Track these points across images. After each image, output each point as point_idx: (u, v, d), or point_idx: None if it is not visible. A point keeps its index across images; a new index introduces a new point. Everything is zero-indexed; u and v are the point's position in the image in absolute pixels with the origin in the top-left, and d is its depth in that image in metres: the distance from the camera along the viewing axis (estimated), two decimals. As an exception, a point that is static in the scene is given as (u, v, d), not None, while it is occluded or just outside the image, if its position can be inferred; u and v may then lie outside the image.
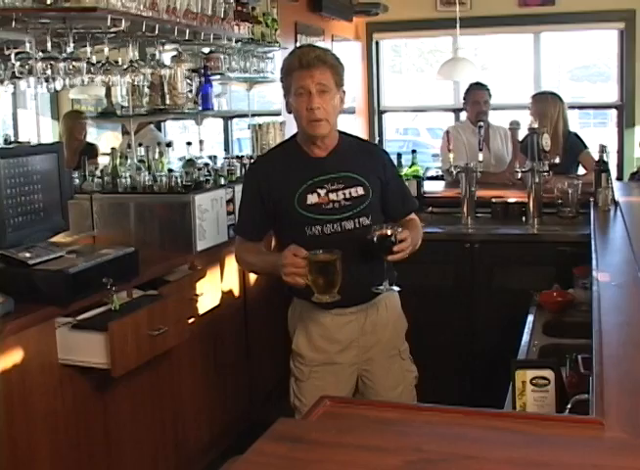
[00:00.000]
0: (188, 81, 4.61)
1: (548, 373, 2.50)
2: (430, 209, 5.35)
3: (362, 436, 1.70)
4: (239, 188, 4.42)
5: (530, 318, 3.71)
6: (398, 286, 3.15)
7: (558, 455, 1.61)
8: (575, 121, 9.52)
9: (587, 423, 1.80)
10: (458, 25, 6.77)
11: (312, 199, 3.07)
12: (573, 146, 5.94)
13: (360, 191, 3.12)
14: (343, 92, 3.13)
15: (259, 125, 5.40)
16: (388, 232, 2.94)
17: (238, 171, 4.62)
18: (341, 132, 3.23)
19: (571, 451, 1.63)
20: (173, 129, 6.10)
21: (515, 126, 5.68)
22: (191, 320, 3.88)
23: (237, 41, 5.01)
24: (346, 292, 2.87)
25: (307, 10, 6.78)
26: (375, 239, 2.95)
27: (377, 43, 8.55)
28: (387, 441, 1.68)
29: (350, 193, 3.10)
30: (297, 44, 6.49)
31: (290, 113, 3.13)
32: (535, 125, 4.97)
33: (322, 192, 3.07)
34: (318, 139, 3.08)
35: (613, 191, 4.86)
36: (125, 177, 4.23)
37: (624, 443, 1.65)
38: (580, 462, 1.58)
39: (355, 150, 3.24)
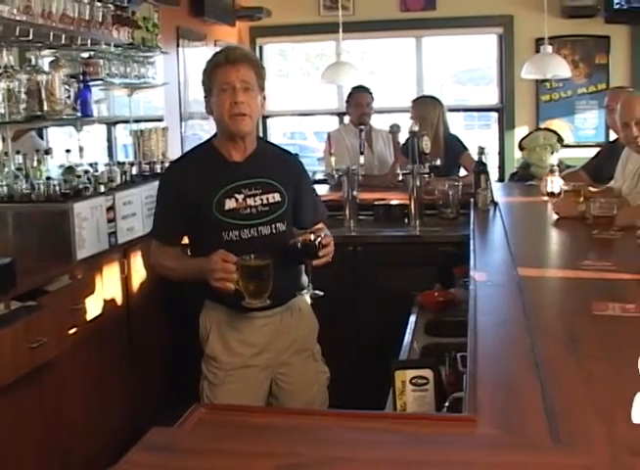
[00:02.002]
0: (66, 87, 4.51)
1: (427, 372, 2.54)
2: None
3: (236, 442, 1.69)
4: (119, 195, 4.40)
5: (412, 318, 3.77)
6: (321, 291, 3.17)
7: (430, 454, 1.63)
8: (460, 124, 9.71)
9: (460, 421, 1.83)
10: (341, 30, 6.80)
11: (230, 204, 3.06)
12: (454, 148, 6.07)
13: (277, 197, 3.14)
14: (264, 97, 3.15)
15: (141, 131, 5.33)
16: (312, 237, 2.98)
17: (118, 178, 4.56)
18: (259, 138, 3.25)
19: (443, 450, 1.65)
20: (57, 136, 5.96)
21: (395, 129, 5.76)
22: (72, 331, 3.81)
23: (116, 46, 4.93)
24: None
25: (189, 14, 6.73)
26: (299, 244, 2.99)
27: (260, 48, 8.55)
28: (260, 446, 1.67)
29: (267, 199, 3.12)
30: (180, 49, 6.45)
31: (210, 114, 3.13)
32: (416, 128, 5.05)
33: (240, 197, 3.07)
34: (239, 138, 3.08)
35: (492, 192, 4.97)
36: (2, 186, 4.12)
37: (495, 439, 1.68)
38: (452, 460, 1.60)
39: (272, 156, 3.26)
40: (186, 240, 3.26)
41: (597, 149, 6.33)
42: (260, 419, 1.87)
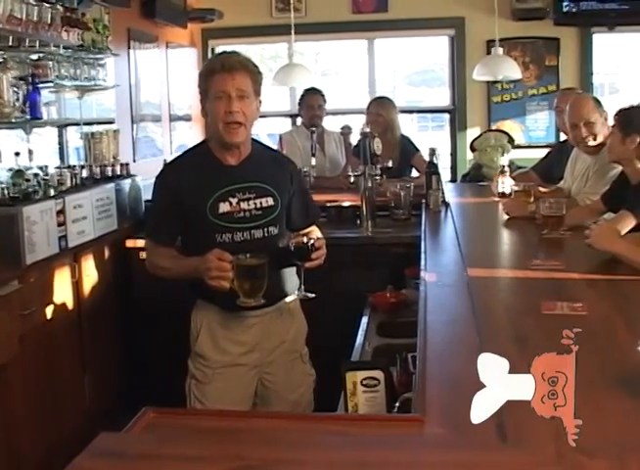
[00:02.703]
0: (15, 89, 4.46)
1: (378, 373, 2.54)
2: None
3: (184, 446, 1.68)
4: (69, 199, 4.36)
5: (365, 320, 3.77)
6: (313, 293, 3.18)
7: (378, 455, 1.63)
8: (414, 125, 9.74)
9: (409, 421, 1.84)
10: (293, 32, 6.80)
11: (224, 207, 3.07)
12: (406, 149, 6.10)
13: (270, 202, 3.16)
14: (260, 102, 3.15)
15: (92, 134, 5.29)
16: (305, 240, 3.03)
17: (68, 181, 4.52)
18: (253, 140, 3.24)
19: (391, 450, 1.65)
20: (7, 139, 5.90)
21: (346, 131, 5.76)
22: (22, 336, 3.77)
23: (66, 48, 4.88)
24: None
25: (140, 16, 6.66)
26: (292, 247, 3.03)
27: (212, 49, 8.50)
28: (208, 450, 1.67)
29: (261, 203, 3.13)
30: (131, 51, 6.40)
31: (205, 117, 3.15)
32: (367, 130, 5.05)
33: (234, 201, 3.08)
34: (233, 146, 3.09)
35: (443, 192, 5.00)
36: (-50, 190, 4.07)
37: (442, 438, 1.70)
38: (400, 460, 1.61)
39: (266, 160, 3.26)
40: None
41: (548, 149, 6.40)
42: (210, 422, 1.87)
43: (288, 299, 3.26)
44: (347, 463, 1.60)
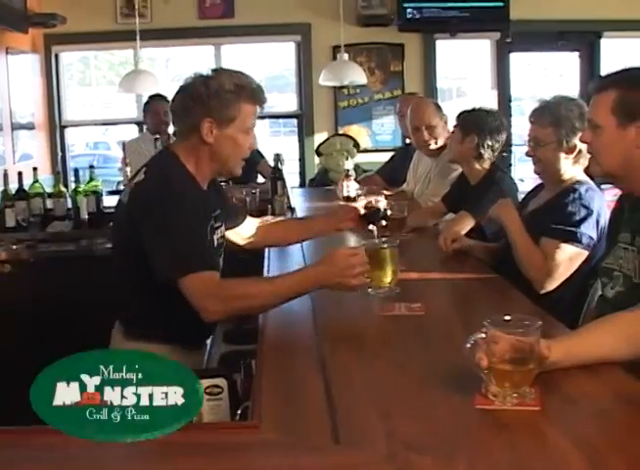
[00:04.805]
0: None
1: (221, 381, 2.53)
2: (111, 224, 5.28)
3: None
4: None
5: (212, 327, 3.74)
6: None
7: (212, 463, 1.63)
8: (267, 131, 9.77)
9: (244, 428, 1.84)
10: (138, 38, 6.72)
11: (216, 238, 2.80)
12: (250, 156, 6.11)
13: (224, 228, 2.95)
14: None
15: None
16: (375, 205, 3.34)
17: None
18: None
19: (226, 458, 1.65)
20: None
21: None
22: None
23: None
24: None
25: (-23, 21, 6.46)
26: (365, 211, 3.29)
27: (56, 56, 8.31)
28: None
29: (223, 230, 2.92)
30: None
31: (210, 141, 2.69)
32: (213, 136, 5.04)
33: (215, 229, 2.81)
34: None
35: (288, 198, 5.03)
36: None
37: (276, 443, 1.70)
38: (232, 467, 1.61)
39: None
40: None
41: (394, 153, 6.52)
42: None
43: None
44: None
